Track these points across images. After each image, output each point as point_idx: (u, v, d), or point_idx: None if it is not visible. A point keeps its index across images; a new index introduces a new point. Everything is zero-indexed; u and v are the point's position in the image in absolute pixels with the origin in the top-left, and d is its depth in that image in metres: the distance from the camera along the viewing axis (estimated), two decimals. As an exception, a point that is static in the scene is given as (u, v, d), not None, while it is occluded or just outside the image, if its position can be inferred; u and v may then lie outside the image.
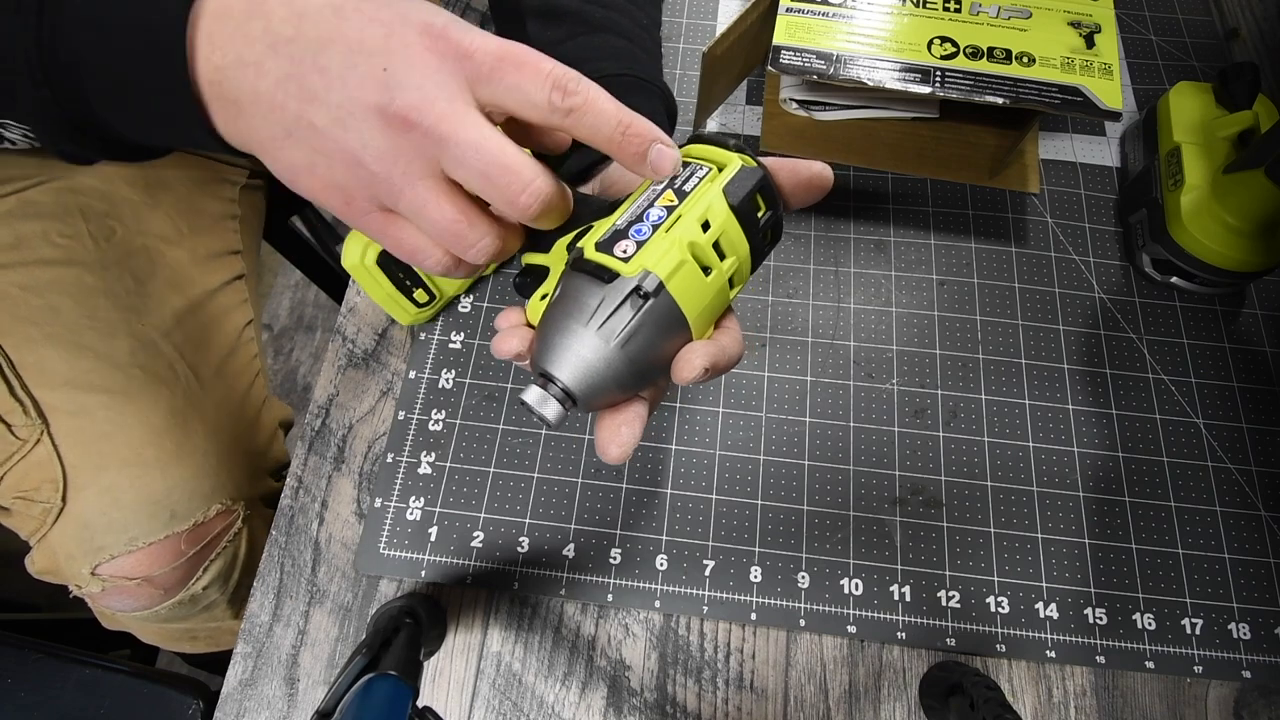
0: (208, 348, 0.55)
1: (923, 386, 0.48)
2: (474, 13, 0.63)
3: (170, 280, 0.55)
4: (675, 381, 0.27)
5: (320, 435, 0.47)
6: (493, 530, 0.44)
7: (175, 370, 0.52)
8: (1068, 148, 0.56)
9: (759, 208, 0.28)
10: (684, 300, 0.26)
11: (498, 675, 0.41)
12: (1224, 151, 0.48)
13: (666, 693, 0.41)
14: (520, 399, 0.26)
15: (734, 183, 0.27)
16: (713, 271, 0.27)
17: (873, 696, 0.41)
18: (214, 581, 0.53)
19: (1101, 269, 0.52)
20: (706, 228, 0.27)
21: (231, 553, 0.54)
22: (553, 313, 0.27)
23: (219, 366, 0.56)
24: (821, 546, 0.44)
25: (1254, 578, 0.43)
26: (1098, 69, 0.45)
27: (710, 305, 0.28)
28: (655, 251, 0.26)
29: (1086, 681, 0.41)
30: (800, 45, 0.46)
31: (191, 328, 0.55)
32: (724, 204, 0.27)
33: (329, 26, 0.25)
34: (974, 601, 0.42)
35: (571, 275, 0.27)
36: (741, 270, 0.28)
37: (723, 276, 0.27)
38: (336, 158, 0.26)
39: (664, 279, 0.26)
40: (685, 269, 0.26)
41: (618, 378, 0.26)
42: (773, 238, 0.30)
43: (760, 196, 0.28)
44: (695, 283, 0.27)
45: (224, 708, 0.41)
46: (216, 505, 0.52)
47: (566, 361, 0.26)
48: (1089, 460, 0.46)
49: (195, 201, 0.59)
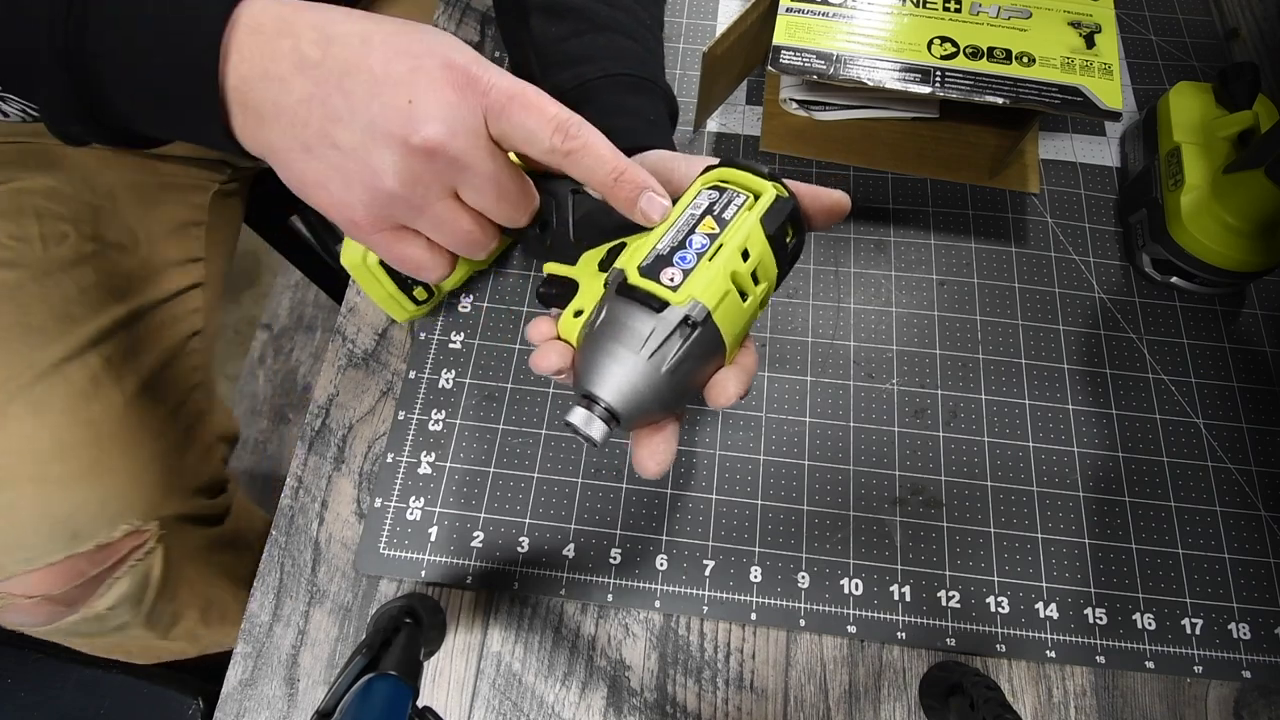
0: (140, 359, 0.53)
1: (923, 386, 0.48)
2: (474, 12, 0.63)
3: (115, 288, 0.53)
4: (711, 405, 0.29)
5: (320, 435, 0.47)
6: (493, 530, 0.44)
7: (99, 383, 0.50)
8: (1068, 148, 0.56)
9: (788, 234, 0.30)
10: (725, 327, 0.28)
11: (498, 675, 0.41)
12: (1224, 151, 0.48)
13: (666, 693, 0.41)
14: (566, 420, 0.28)
15: (770, 213, 0.29)
16: (749, 297, 0.29)
17: (873, 696, 0.41)
18: (121, 603, 0.51)
19: (1101, 269, 0.52)
20: (746, 256, 0.28)
21: (141, 574, 0.51)
22: (600, 338, 0.28)
23: (150, 379, 0.53)
24: (821, 546, 0.44)
25: (1254, 578, 0.43)
26: (1098, 69, 0.45)
27: (744, 328, 0.29)
28: (701, 281, 0.27)
29: (1086, 681, 0.41)
30: (800, 45, 0.46)
31: (127, 338, 0.53)
32: (761, 234, 0.28)
33: (356, 54, 0.26)
34: (974, 601, 0.42)
35: (617, 300, 0.28)
36: (768, 292, 0.30)
37: (756, 300, 0.29)
38: (355, 177, 0.27)
39: (711, 309, 0.27)
40: (729, 298, 0.28)
41: (661, 401, 0.27)
42: (793, 259, 0.31)
43: (790, 225, 0.30)
44: (736, 310, 0.28)
45: (224, 708, 0.41)
46: (124, 526, 0.49)
47: (615, 386, 0.27)
48: (1089, 460, 0.46)
49: (157, 208, 0.57)
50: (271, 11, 0.27)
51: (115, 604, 0.51)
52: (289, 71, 0.26)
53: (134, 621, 0.53)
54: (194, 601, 0.57)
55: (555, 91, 0.38)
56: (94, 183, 0.54)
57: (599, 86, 0.38)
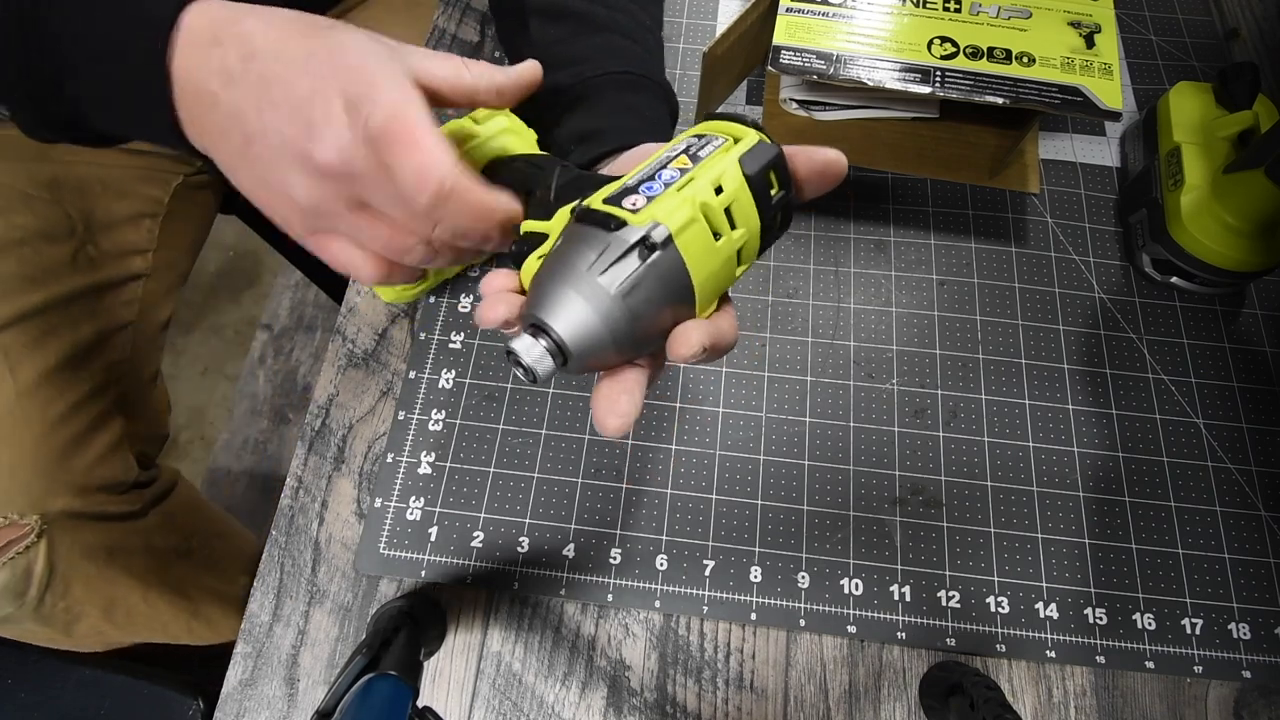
0: (43, 350, 0.52)
1: (923, 386, 0.48)
2: (474, 12, 0.63)
3: (32, 277, 0.52)
4: (671, 358, 0.26)
5: (320, 435, 0.47)
6: (493, 530, 0.44)
7: None
8: (1068, 148, 0.56)
9: (772, 185, 0.27)
10: (692, 261, 0.25)
11: (498, 675, 0.41)
12: (1224, 151, 0.48)
13: (666, 693, 0.41)
14: (507, 347, 0.25)
15: (750, 154, 0.27)
16: (722, 238, 0.26)
17: (873, 696, 0.41)
18: (1, 594, 0.50)
19: (1101, 269, 0.52)
20: (720, 192, 0.26)
21: (21, 567, 0.50)
22: (549, 262, 0.26)
23: (53, 371, 0.52)
24: (821, 546, 0.44)
25: (1254, 578, 0.43)
26: (1098, 69, 0.45)
27: (716, 275, 0.27)
28: (666, 206, 0.25)
29: (1086, 681, 0.41)
30: (800, 45, 0.46)
31: (35, 328, 0.51)
32: (738, 172, 0.26)
33: (271, 71, 0.26)
34: (974, 601, 0.42)
35: (574, 226, 0.26)
36: (749, 246, 0.27)
37: (732, 246, 0.26)
38: (275, 189, 0.28)
39: (673, 232, 0.25)
40: (695, 227, 0.25)
41: (615, 333, 0.25)
42: (783, 221, 0.29)
43: (774, 174, 0.27)
44: (704, 245, 0.26)
45: (224, 708, 0.41)
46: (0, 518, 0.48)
47: (561, 309, 0.24)
48: (1089, 460, 0.46)
49: (103, 198, 0.56)
50: (210, 14, 0.27)
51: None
52: (217, 85, 0.27)
53: (21, 615, 0.52)
54: (94, 600, 0.55)
55: (555, 91, 0.38)
56: (34, 171, 0.53)
57: (597, 85, 0.38)
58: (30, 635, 0.55)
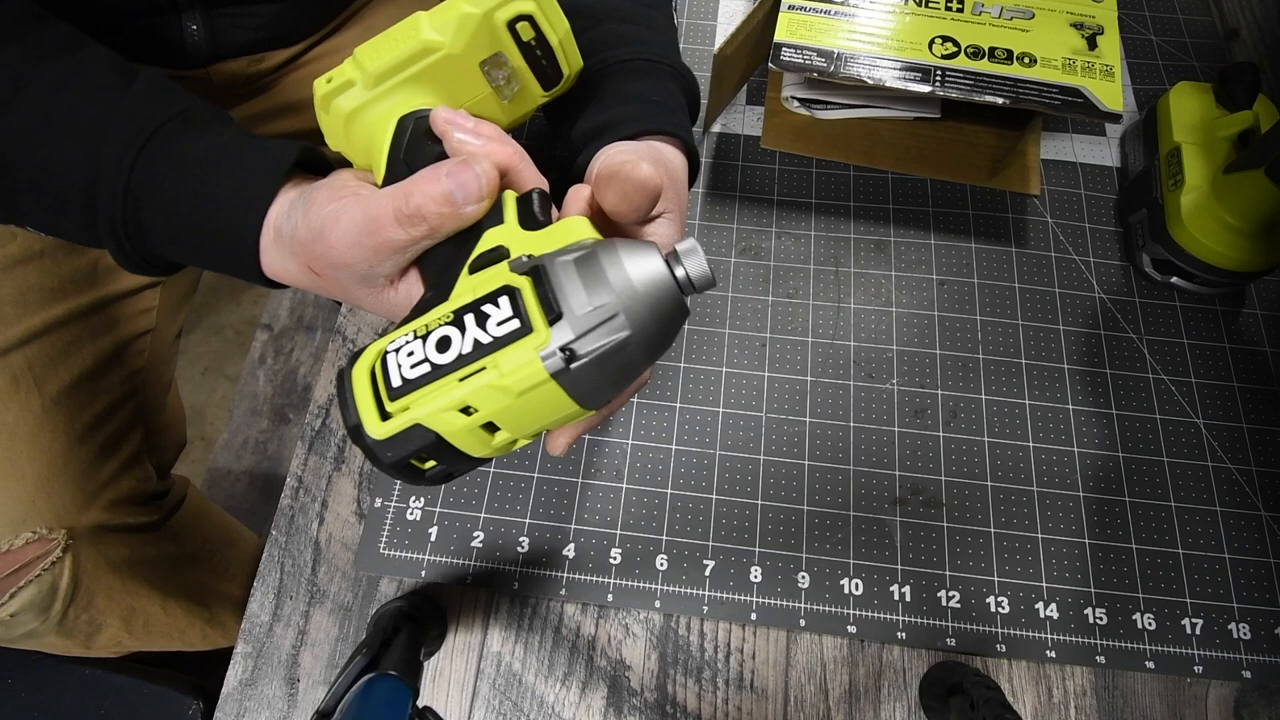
0: (70, 361, 0.51)
1: (923, 386, 0.48)
2: (474, 12, 0.63)
3: (57, 288, 0.51)
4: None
5: (320, 435, 0.47)
6: (493, 530, 0.44)
7: (18, 385, 0.48)
8: (1068, 148, 0.56)
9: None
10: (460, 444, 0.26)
11: (498, 675, 0.41)
12: (1224, 151, 0.48)
13: (666, 693, 0.41)
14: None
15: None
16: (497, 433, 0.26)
17: (873, 696, 0.41)
18: (26, 610, 0.50)
19: (1101, 269, 0.52)
20: (470, 412, 0.25)
21: (48, 582, 0.49)
22: None
23: (78, 382, 0.51)
24: (821, 546, 0.44)
25: (1254, 578, 0.43)
26: (1099, 70, 0.45)
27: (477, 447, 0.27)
28: (428, 409, 0.25)
29: (1086, 681, 0.41)
30: (801, 43, 0.46)
31: (60, 339, 0.51)
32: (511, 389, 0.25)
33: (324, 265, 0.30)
34: (974, 601, 0.42)
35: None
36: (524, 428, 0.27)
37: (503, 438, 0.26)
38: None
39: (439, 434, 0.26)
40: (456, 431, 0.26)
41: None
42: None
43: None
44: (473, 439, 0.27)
45: (224, 708, 0.41)
46: (27, 533, 0.48)
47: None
48: (1089, 460, 0.46)
49: None
50: (281, 227, 0.31)
51: (19, 611, 0.49)
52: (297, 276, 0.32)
53: (44, 630, 0.52)
54: (115, 611, 0.55)
55: (563, 96, 0.38)
56: None
57: (597, 79, 0.37)
58: (50, 647, 0.54)
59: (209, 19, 0.50)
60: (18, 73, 0.33)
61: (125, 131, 0.32)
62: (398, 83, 0.30)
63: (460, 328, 0.25)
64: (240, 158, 0.32)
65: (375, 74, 0.30)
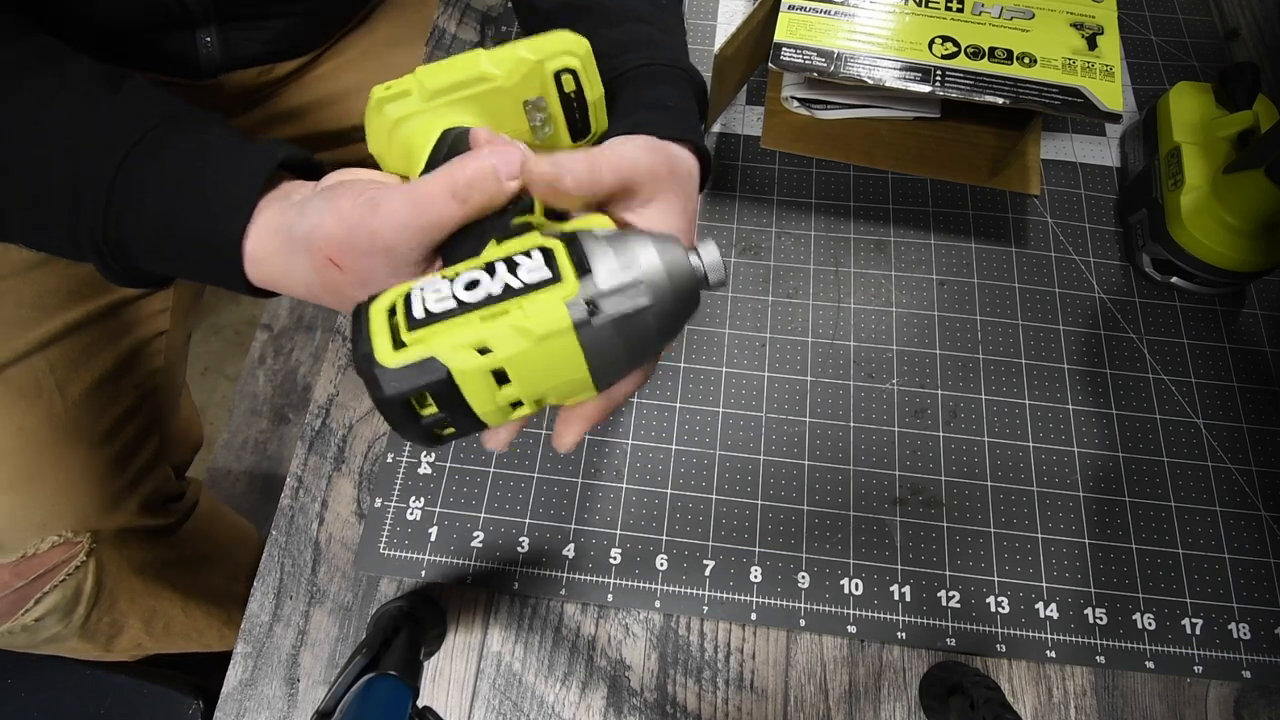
0: (91, 363, 0.51)
1: (923, 386, 0.48)
2: (474, 12, 0.63)
3: (74, 291, 0.51)
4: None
5: (320, 435, 0.47)
6: (493, 530, 0.44)
7: (41, 388, 0.48)
8: (1068, 148, 0.56)
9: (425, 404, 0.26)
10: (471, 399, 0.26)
11: (498, 675, 0.41)
12: (1224, 151, 0.48)
13: (666, 693, 0.41)
14: None
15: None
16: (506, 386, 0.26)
17: (873, 696, 0.41)
18: (50, 614, 0.49)
19: (1101, 269, 0.52)
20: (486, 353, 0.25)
21: (73, 587, 0.50)
22: None
23: (98, 384, 0.51)
24: (821, 546, 0.44)
25: (1254, 578, 0.43)
26: (1099, 70, 0.45)
27: (498, 414, 0.27)
28: (448, 340, 0.25)
29: (1086, 681, 0.41)
30: (801, 43, 0.46)
31: (81, 341, 0.51)
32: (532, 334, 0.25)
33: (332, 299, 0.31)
34: (974, 601, 0.42)
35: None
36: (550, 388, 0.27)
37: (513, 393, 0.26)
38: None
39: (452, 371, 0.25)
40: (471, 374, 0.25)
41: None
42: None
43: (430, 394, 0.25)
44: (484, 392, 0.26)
45: (224, 708, 0.41)
46: (53, 537, 0.48)
47: None
48: (1089, 460, 0.46)
49: None
50: (269, 248, 0.31)
51: (44, 615, 0.49)
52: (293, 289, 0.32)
53: (67, 633, 0.52)
54: (136, 613, 0.55)
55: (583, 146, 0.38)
56: None
57: (615, 86, 0.37)
58: (72, 651, 0.55)
59: (223, 32, 0.50)
60: (1, 87, 0.32)
61: (108, 142, 0.32)
62: (449, 101, 0.33)
63: (491, 273, 0.26)
64: (222, 164, 0.32)
65: (432, 89, 0.32)
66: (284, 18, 0.52)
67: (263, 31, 0.52)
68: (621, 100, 0.37)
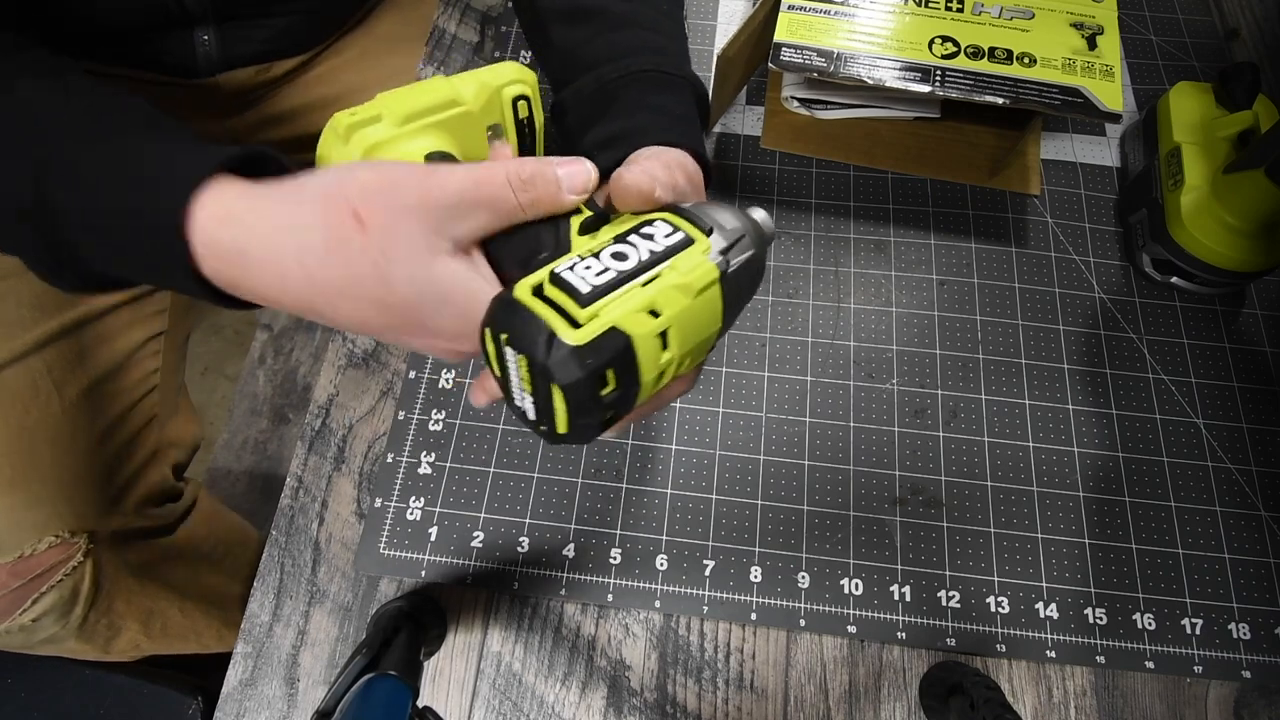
0: (88, 363, 0.51)
1: (923, 386, 0.48)
2: (474, 12, 0.63)
3: (67, 296, 0.50)
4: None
5: (320, 435, 0.47)
6: (493, 530, 0.44)
7: (38, 387, 0.48)
8: (1068, 148, 0.56)
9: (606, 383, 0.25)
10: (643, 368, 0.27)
11: (498, 675, 0.41)
12: (1224, 151, 0.48)
13: (666, 693, 0.41)
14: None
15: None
16: (668, 350, 0.27)
17: (873, 696, 0.41)
18: (47, 614, 0.49)
19: (1101, 269, 0.52)
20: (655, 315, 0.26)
21: (69, 587, 0.49)
22: None
23: (96, 384, 0.51)
24: (821, 546, 0.44)
25: (1254, 578, 0.43)
26: (1099, 70, 0.45)
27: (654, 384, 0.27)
28: (621, 309, 0.26)
29: (1086, 681, 0.41)
30: (801, 43, 0.46)
31: (78, 342, 0.51)
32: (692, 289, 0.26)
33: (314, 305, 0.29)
34: (974, 601, 0.42)
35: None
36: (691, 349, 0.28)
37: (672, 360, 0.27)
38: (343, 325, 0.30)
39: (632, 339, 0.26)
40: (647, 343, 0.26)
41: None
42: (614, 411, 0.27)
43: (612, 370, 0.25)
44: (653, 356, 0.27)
45: (224, 708, 0.41)
46: (49, 538, 0.47)
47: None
48: (1089, 460, 0.46)
49: None
50: (221, 231, 0.28)
51: (41, 616, 0.49)
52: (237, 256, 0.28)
53: (65, 634, 0.51)
54: (134, 614, 0.55)
55: (578, 96, 0.38)
56: None
57: (618, 87, 0.37)
58: (69, 651, 0.54)
59: (220, 31, 0.50)
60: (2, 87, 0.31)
61: (69, 132, 0.30)
62: (420, 126, 0.34)
63: (631, 245, 0.27)
64: (169, 148, 0.30)
65: (404, 114, 0.33)
66: (283, 16, 0.52)
67: (261, 30, 0.52)
68: (623, 100, 0.37)
